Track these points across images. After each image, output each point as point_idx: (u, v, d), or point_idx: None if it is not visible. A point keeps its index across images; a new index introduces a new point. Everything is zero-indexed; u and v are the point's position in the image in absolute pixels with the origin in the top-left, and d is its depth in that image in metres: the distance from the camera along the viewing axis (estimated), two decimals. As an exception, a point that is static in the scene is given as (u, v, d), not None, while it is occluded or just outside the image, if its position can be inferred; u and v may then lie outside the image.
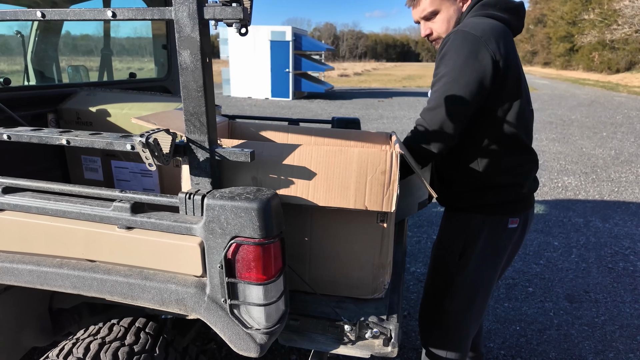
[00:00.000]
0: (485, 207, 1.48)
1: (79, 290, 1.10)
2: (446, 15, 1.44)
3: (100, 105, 1.69)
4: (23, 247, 1.14)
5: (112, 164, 1.74)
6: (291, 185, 1.08)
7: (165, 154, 0.95)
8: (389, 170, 1.05)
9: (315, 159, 1.07)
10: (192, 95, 0.93)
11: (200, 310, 1.02)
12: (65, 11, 0.97)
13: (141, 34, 2.71)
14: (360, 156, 1.06)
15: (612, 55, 29.52)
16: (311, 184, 1.07)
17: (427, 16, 1.46)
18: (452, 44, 1.29)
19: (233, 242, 0.96)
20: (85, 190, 1.08)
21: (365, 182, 1.06)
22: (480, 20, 1.34)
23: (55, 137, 1.08)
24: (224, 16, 0.87)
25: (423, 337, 1.72)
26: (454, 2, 1.43)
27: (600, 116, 11.02)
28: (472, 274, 1.53)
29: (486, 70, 1.26)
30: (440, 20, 1.45)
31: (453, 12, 1.44)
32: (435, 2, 1.43)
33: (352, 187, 1.06)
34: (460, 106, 1.27)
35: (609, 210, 4.47)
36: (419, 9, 1.46)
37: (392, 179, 1.06)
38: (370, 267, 1.19)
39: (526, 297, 2.83)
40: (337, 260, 1.21)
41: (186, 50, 0.90)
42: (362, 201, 1.06)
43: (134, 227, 1.04)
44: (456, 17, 1.45)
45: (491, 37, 1.27)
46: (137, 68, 2.70)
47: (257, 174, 1.09)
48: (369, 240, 1.17)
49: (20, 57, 2.37)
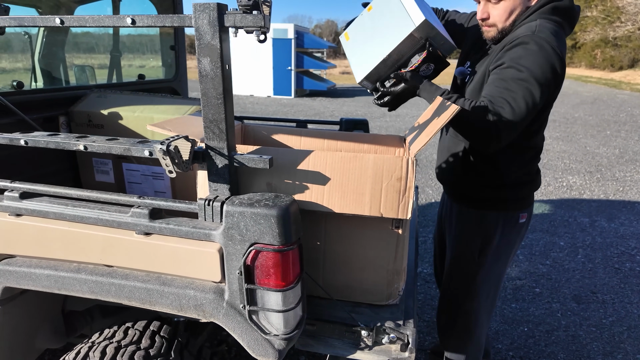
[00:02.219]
0: (501, 203, 1.52)
1: (97, 295, 1.11)
2: (511, 5, 1.35)
3: (112, 108, 1.70)
4: (41, 251, 1.15)
5: (123, 166, 1.74)
6: (306, 191, 1.08)
7: (185, 160, 0.95)
8: (404, 176, 1.05)
9: (330, 165, 1.07)
10: (211, 103, 0.93)
11: (219, 316, 1.02)
12: (85, 18, 0.97)
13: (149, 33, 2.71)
14: (376, 162, 1.06)
15: (614, 53, 29.38)
16: (326, 190, 1.07)
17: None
18: (538, 51, 1.24)
19: (252, 248, 0.96)
20: (103, 196, 1.08)
21: (380, 188, 1.06)
22: (554, 29, 1.31)
23: (73, 142, 1.08)
24: (244, 24, 0.87)
25: (445, 339, 1.74)
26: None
27: (603, 114, 10.99)
28: (490, 271, 1.57)
29: (556, 83, 1.30)
30: (503, 7, 1.35)
31: (519, 3, 1.35)
32: None
33: (367, 194, 1.06)
34: (530, 113, 1.26)
35: (615, 209, 4.46)
36: None
37: (408, 186, 1.06)
38: (384, 273, 1.19)
39: (533, 298, 2.84)
40: (351, 265, 1.21)
41: (206, 57, 0.90)
42: (378, 208, 1.06)
43: (152, 233, 1.04)
44: (519, 11, 1.36)
45: (564, 52, 1.30)
46: (139, 65, 2.70)
47: (272, 180, 1.09)
48: (384, 246, 1.16)
49: (25, 55, 2.37)
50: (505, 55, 1.31)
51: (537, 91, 1.23)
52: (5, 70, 2.38)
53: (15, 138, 1.12)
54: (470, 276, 1.58)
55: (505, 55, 1.31)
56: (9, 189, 1.15)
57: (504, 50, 1.32)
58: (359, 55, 1.45)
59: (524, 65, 1.24)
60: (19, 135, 1.13)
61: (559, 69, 1.26)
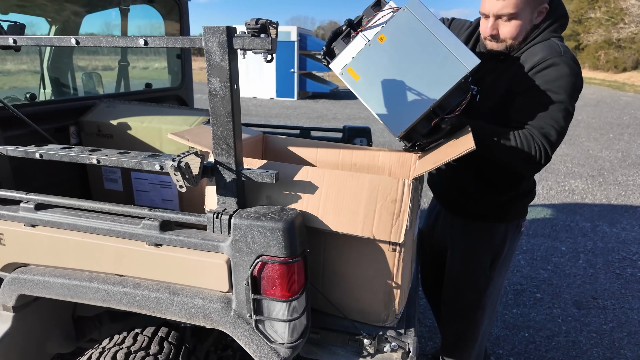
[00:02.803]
0: (508, 213, 1.56)
1: (109, 304, 1.15)
2: (521, 23, 1.36)
3: (120, 119, 1.74)
4: (54, 261, 1.19)
5: (131, 175, 1.78)
6: (302, 206, 1.09)
7: (195, 175, 0.99)
8: (399, 199, 1.04)
9: (327, 182, 1.07)
10: (220, 120, 0.97)
11: (226, 325, 1.06)
12: (99, 38, 1.01)
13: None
14: (372, 182, 1.05)
15: (618, 54, 29.29)
16: (321, 207, 1.07)
17: (502, 15, 1.35)
18: (569, 72, 1.31)
19: (259, 260, 1.00)
20: (115, 208, 1.12)
21: (374, 209, 1.05)
22: (566, 45, 1.39)
23: (86, 156, 1.12)
24: (252, 46, 0.91)
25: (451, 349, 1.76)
26: (532, 14, 1.37)
27: (606, 117, 10.97)
28: (497, 282, 1.62)
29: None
30: (514, 25, 1.35)
31: (528, 22, 1.37)
32: (520, 5, 1.32)
33: (361, 214, 1.05)
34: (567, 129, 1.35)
35: (617, 214, 4.48)
36: (500, 4, 1.33)
37: (403, 209, 1.04)
38: (381, 294, 1.16)
39: (534, 303, 2.86)
40: (349, 283, 1.19)
41: (216, 77, 0.94)
42: (370, 229, 1.05)
43: (162, 244, 1.08)
44: (526, 29, 1.38)
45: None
46: (142, 67, 2.74)
47: (271, 194, 1.11)
48: (381, 267, 1.13)
49: (34, 62, 2.42)
50: (537, 78, 1.33)
51: (572, 108, 1.33)
52: (11, 72, 2.44)
53: (31, 151, 1.17)
54: (481, 290, 1.61)
55: (537, 78, 1.33)
56: (25, 200, 1.19)
57: (533, 72, 1.34)
58: (384, 103, 1.25)
59: (560, 86, 1.30)
60: (34, 149, 1.18)
61: (581, 80, 1.35)
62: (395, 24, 1.21)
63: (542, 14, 1.39)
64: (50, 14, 2.33)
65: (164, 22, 2.51)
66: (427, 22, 1.19)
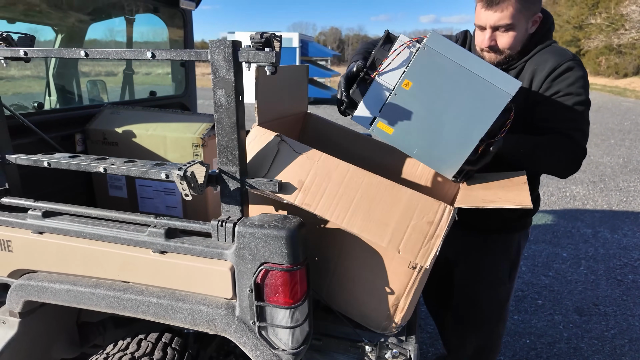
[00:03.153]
0: (523, 222, 1.60)
1: (114, 310, 1.17)
2: (518, 33, 1.39)
3: (126, 126, 1.77)
4: (61, 267, 1.21)
5: (136, 182, 1.81)
6: (332, 201, 1.05)
7: (200, 184, 1.02)
8: (436, 222, 1.00)
9: (366, 185, 1.04)
10: (225, 131, 1.00)
11: (230, 331, 1.07)
12: (107, 51, 1.04)
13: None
14: (411, 199, 1.02)
15: (619, 60, 29.37)
16: (352, 207, 1.04)
17: (500, 26, 1.37)
18: (583, 73, 1.39)
19: (262, 267, 1.01)
20: (122, 216, 1.14)
21: (407, 225, 1.01)
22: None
23: (93, 165, 1.14)
24: (257, 59, 0.93)
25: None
26: (527, 24, 1.40)
27: (607, 122, 10.99)
28: (512, 290, 1.66)
29: None
30: (511, 36, 1.38)
31: (523, 32, 1.40)
32: (516, 16, 1.34)
33: (391, 226, 1.02)
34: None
35: (618, 220, 4.48)
36: (497, 15, 1.34)
37: (437, 234, 1.00)
38: (387, 305, 1.15)
39: (535, 310, 2.86)
40: (359, 286, 1.19)
41: (221, 89, 0.97)
42: (397, 244, 1.02)
43: (167, 252, 1.10)
44: (523, 38, 1.41)
45: None
46: (145, 73, 2.77)
47: (305, 179, 1.07)
48: (395, 281, 1.12)
49: (39, 69, 2.45)
50: (557, 83, 1.38)
51: (589, 105, 1.41)
52: (15, 78, 2.47)
53: (39, 160, 1.19)
54: (502, 302, 1.64)
55: (557, 83, 1.38)
56: (33, 208, 1.21)
57: (552, 78, 1.39)
58: (428, 148, 1.17)
59: (580, 87, 1.38)
60: (42, 157, 1.20)
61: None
62: (419, 65, 1.12)
63: (536, 23, 1.43)
64: (57, 23, 2.37)
65: (168, 30, 2.55)
66: (452, 54, 1.10)
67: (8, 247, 1.24)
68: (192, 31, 2.55)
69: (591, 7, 32.37)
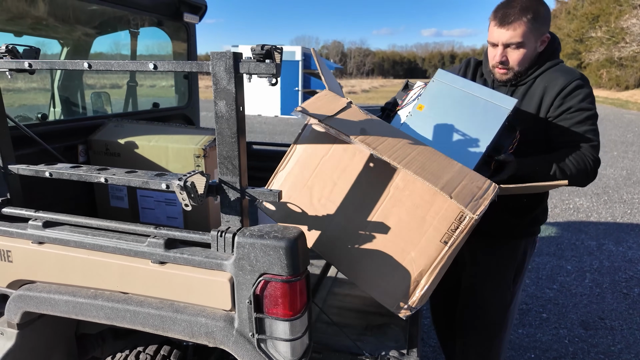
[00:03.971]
0: (530, 231, 1.65)
1: (112, 321, 1.16)
2: (528, 51, 1.47)
3: (128, 138, 1.78)
4: (60, 278, 1.21)
5: (137, 192, 1.81)
6: (390, 149, 1.12)
7: (200, 194, 1.02)
8: (485, 189, 1.09)
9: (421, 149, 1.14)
10: (226, 141, 1.00)
11: (228, 344, 1.06)
12: (110, 63, 1.05)
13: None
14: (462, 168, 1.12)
15: (620, 73, 29.51)
16: (408, 158, 1.11)
17: (511, 44, 1.45)
18: (590, 91, 1.48)
19: (262, 278, 1.01)
20: (121, 226, 1.14)
21: (459, 183, 1.09)
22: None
23: (94, 175, 1.15)
24: (258, 71, 0.94)
25: None
26: (536, 43, 1.49)
27: (610, 134, 10.98)
28: (517, 296, 1.69)
29: None
30: (521, 53, 1.47)
31: (532, 50, 1.49)
32: (527, 35, 1.43)
33: (444, 178, 1.08)
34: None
35: (622, 232, 4.44)
36: (509, 33, 1.43)
37: (485, 197, 1.06)
38: (409, 279, 1.12)
39: (540, 324, 2.82)
40: (385, 254, 1.16)
41: (222, 100, 0.97)
42: (450, 190, 1.05)
43: (166, 262, 1.10)
44: (532, 56, 1.50)
45: None
46: (149, 85, 2.80)
47: (366, 135, 1.16)
48: (424, 254, 1.11)
49: (44, 81, 2.49)
50: (569, 100, 1.47)
51: (597, 118, 1.50)
52: (21, 90, 2.50)
53: (41, 170, 1.20)
54: (506, 306, 1.68)
55: (569, 100, 1.47)
56: (33, 218, 1.21)
57: (564, 95, 1.46)
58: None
59: (589, 102, 1.48)
60: (44, 168, 1.21)
61: None
62: (430, 93, 1.39)
63: (544, 42, 1.51)
64: (63, 36, 2.41)
65: (171, 43, 2.59)
66: (457, 84, 1.37)
67: (8, 258, 1.24)
68: (195, 44, 2.58)
69: (591, 20, 32.70)
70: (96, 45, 2.54)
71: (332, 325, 1.28)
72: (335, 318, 1.32)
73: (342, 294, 1.51)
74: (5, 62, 1.14)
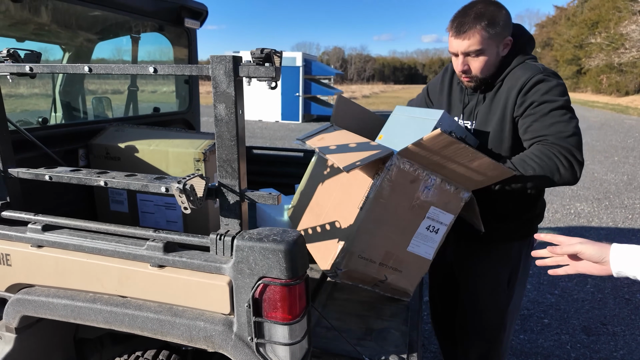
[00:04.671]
0: (524, 232, 1.62)
1: (111, 325, 1.15)
2: (489, 57, 1.44)
3: (128, 142, 1.78)
4: (59, 282, 1.20)
5: (137, 196, 1.81)
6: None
7: (199, 197, 1.02)
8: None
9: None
10: (225, 144, 1.00)
11: (227, 348, 1.05)
12: (111, 66, 1.06)
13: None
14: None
15: (620, 78, 29.58)
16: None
17: (469, 52, 1.44)
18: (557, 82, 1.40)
19: (260, 282, 1.00)
20: (120, 230, 1.14)
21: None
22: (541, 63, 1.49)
23: (94, 178, 1.15)
24: (257, 74, 0.95)
25: None
26: (498, 47, 1.45)
27: (611, 140, 10.98)
28: (515, 298, 1.67)
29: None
30: (482, 60, 1.45)
31: (495, 55, 1.46)
32: (484, 42, 1.41)
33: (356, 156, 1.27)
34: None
35: (624, 238, 4.42)
36: (466, 43, 1.42)
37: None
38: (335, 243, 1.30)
39: (542, 329, 2.80)
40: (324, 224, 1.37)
41: (222, 104, 0.98)
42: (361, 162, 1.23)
43: (165, 266, 1.10)
44: (495, 62, 1.47)
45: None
46: (151, 91, 2.81)
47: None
48: (346, 221, 1.28)
49: (46, 87, 2.50)
50: (529, 96, 1.40)
51: (572, 109, 1.39)
52: (23, 96, 2.51)
53: (41, 174, 1.20)
54: (502, 308, 1.66)
55: (529, 96, 1.40)
56: (33, 222, 1.21)
57: (523, 93, 1.41)
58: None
59: (554, 94, 1.38)
60: (43, 171, 1.21)
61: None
62: (388, 125, 1.68)
63: (507, 46, 1.48)
64: (64, 41, 2.42)
65: (172, 48, 2.60)
66: (406, 113, 1.63)
67: (7, 261, 1.23)
68: (196, 49, 2.60)
69: (591, 26, 32.85)
70: (98, 51, 2.56)
71: (332, 330, 1.27)
72: (334, 322, 1.32)
73: (342, 299, 1.50)
74: (6, 65, 1.14)
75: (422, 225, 1.30)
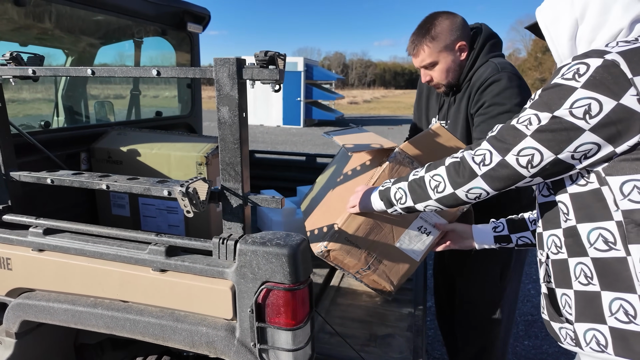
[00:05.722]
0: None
1: (112, 330, 1.14)
2: (444, 66, 1.52)
3: (130, 145, 1.78)
4: (60, 286, 1.19)
5: (139, 200, 1.80)
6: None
7: (202, 201, 1.01)
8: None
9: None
10: (229, 147, 1.00)
11: (229, 354, 1.04)
12: (114, 69, 1.05)
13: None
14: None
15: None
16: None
17: (426, 66, 1.55)
18: (508, 83, 1.41)
19: (264, 287, 0.99)
20: (122, 233, 1.13)
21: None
22: (506, 60, 1.52)
23: (96, 182, 1.14)
24: (261, 77, 0.94)
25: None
26: (452, 54, 1.51)
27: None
28: (509, 291, 1.68)
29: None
30: (438, 70, 1.53)
31: (451, 62, 1.52)
32: (434, 54, 1.50)
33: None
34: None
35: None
36: (418, 60, 1.55)
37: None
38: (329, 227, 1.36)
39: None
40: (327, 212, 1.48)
41: (225, 106, 0.97)
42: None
43: (167, 270, 1.08)
44: (455, 67, 1.53)
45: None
46: (153, 96, 2.82)
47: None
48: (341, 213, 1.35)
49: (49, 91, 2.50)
50: (483, 96, 1.46)
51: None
52: (26, 100, 2.52)
53: (43, 177, 1.19)
54: (495, 302, 1.68)
55: (483, 96, 1.46)
56: (34, 225, 1.20)
57: (479, 92, 1.46)
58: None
59: (505, 97, 1.41)
60: (45, 175, 1.20)
61: (526, 89, 1.46)
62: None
63: (464, 50, 1.52)
64: (67, 46, 2.43)
65: (175, 53, 2.61)
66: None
67: (7, 265, 1.22)
68: (198, 54, 2.60)
69: (591, 32, 32.85)
70: (100, 56, 2.56)
71: (336, 336, 1.25)
72: (338, 328, 1.30)
73: (346, 304, 1.48)
74: (9, 68, 1.14)
75: (414, 224, 1.33)
